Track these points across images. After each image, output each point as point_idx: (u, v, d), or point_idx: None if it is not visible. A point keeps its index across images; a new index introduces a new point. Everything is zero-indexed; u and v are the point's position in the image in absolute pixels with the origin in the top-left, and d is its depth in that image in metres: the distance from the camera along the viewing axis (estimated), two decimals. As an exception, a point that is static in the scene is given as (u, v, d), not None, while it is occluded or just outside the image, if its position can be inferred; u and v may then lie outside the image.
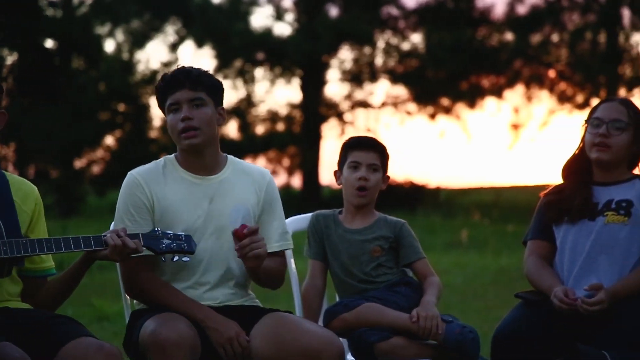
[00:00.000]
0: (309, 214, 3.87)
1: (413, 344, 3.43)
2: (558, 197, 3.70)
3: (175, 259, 3.17)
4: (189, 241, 3.20)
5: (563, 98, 24.09)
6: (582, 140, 3.74)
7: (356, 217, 3.74)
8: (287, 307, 3.47)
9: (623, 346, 3.26)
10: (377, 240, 3.68)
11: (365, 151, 3.68)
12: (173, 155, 3.44)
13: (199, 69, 3.36)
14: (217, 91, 3.37)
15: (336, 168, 3.80)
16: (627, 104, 3.69)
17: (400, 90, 24.91)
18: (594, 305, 3.39)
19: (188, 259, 3.19)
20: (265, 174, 3.47)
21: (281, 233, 3.47)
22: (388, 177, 3.76)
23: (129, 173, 3.38)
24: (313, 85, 24.31)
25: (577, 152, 3.76)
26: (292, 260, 3.78)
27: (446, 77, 23.79)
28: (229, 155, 3.48)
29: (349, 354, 3.53)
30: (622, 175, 3.68)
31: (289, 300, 3.81)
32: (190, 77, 3.30)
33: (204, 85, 3.32)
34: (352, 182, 3.67)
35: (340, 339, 3.22)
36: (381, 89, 38.95)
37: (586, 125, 3.72)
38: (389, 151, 3.76)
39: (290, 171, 25.37)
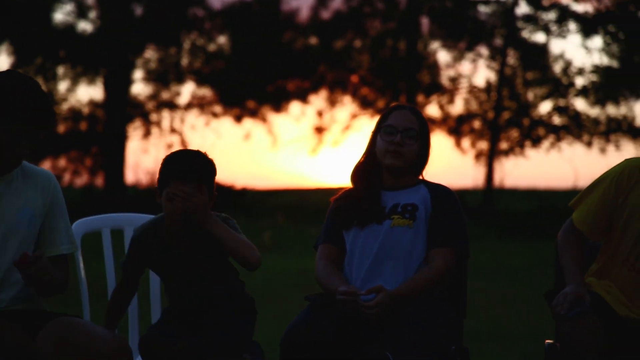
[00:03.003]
0: (101, 215, 3.84)
1: None
2: (347, 202, 3.77)
3: None
4: None
5: (365, 103, 24.67)
6: (370, 145, 3.84)
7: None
8: (76, 312, 3.42)
9: (406, 347, 3.35)
10: None
11: (185, 183, 3.38)
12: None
13: None
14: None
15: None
16: (417, 112, 3.82)
17: (206, 92, 24.85)
18: (372, 308, 3.48)
19: None
20: (51, 176, 3.41)
21: (68, 236, 3.41)
22: (215, 195, 3.49)
23: None
24: (118, 84, 23.88)
25: (365, 157, 3.85)
26: (82, 265, 3.74)
27: (252, 80, 23.91)
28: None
29: (139, 357, 3.51)
30: (409, 180, 3.79)
31: (78, 305, 3.75)
32: None
33: None
34: (170, 213, 3.41)
35: None
36: (187, 90, 38.74)
37: (375, 130, 3.83)
38: (212, 168, 3.49)
39: (93, 171, 24.82)
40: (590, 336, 3.26)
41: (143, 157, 26.94)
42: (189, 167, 3.42)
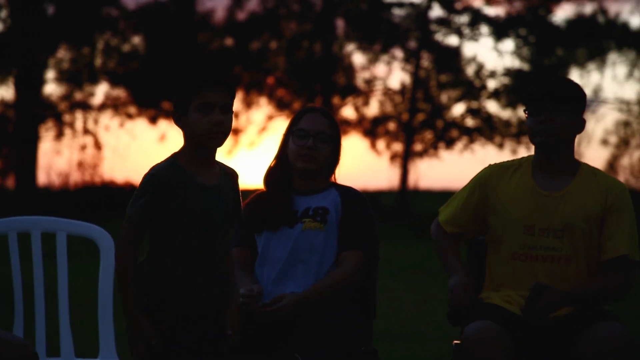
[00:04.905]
0: (8, 218, 3.77)
1: None
2: (259, 206, 3.78)
3: None
4: None
5: (281, 104, 24.67)
6: (281, 148, 3.85)
7: None
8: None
9: (314, 348, 3.37)
10: None
11: (218, 93, 3.20)
12: None
13: None
14: None
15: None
16: (329, 115, 3.84)
17: (121, 92, 24.58)
18: (277, 311, 3.49)
19: None
20: None
21: None
22: None
23: None
24: (29, 84, 23.46)
25: (276, 160, 3.85)
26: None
27: (167, 81, 23.73)
28: None
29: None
30: (320, 184, 3.81)
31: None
32: None
33: None
34: (205, 124, 3.20)
35: None
36: (101, 91, 38.20)
37: (286, 133, 3.83)
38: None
39: (3, 173, 24.34)
40: (492, 336, 3.34)
41: (55, 158, 26.52)
42: (223, 74, 3.18)
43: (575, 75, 23.69)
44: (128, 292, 3.12)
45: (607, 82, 24.16)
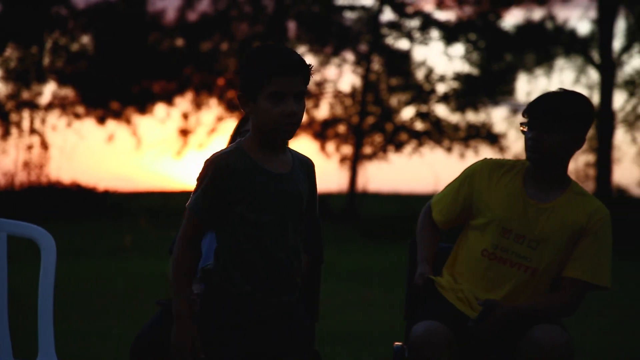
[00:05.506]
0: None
1: None
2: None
3: None
4: None
5: (231, 106, 24.63)
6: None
7: None
8: None
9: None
10: None
11: (296, 78, 2.82)
12: None
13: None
14: None
15: None
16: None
17: (69, 92, 24.37)
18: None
19: None
20: None
21: None
22: None
23: None
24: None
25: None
26: None
27: (116, 81, 23.58)
28: None
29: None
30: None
31: None
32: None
33: None
34: (278, 113, 2.86)
35: None
36: (48, 90, 37.78)
37: (233, 135, 3.82)
38: None
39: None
40: (439, 338, 3.36)
41: (1, 157, 26.20)
42: (299, 59, 2.80)
43: (523, 80, 23.98)
44: (180, 295, 2.79)
45: (554, 87, 24.42)
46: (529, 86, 25.86)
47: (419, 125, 24.15)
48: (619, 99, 30.96)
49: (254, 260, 2.78)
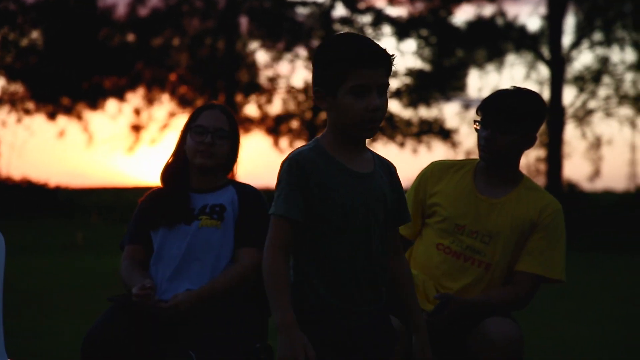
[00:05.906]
0: None
1: None
2: (155, 203, 3.75)
3: None
4: None
5: (183, 101, 24.54)
6: (179, 144, 3.82)
7: None
8: None
9: (209, 345, 3.37)
10: None
11: (378, 71, 2.71)
12: None
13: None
14: None
15: None
16: (227, 112, 3.82)
17: (18, 87, 24.12)
18: (170, 308, 3.48)
19: None
20: None
21: None
22: None
23: None
24: None
25: (174, 156, 3.82)
26: None
27: (66, 76, 23.38)
28: None
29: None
30: (218, 181, 3.80)
31: None
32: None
33: None
34: (358, 108, 2.68)
35: None
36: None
37: (184, 130, 3.81)
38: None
39: None
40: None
41: (-50, 155, 25.84)
42: (382, 49, 2.67)
43: (474, 75, 24.16)
44: (283, 306, 2.54)
45: (505, 83, 24.63)
46: (480, 82, 26.17)
47: (371, 121, 24.23)
48: (569, 94, 31.38)
49: (338, 268, 2.61)
